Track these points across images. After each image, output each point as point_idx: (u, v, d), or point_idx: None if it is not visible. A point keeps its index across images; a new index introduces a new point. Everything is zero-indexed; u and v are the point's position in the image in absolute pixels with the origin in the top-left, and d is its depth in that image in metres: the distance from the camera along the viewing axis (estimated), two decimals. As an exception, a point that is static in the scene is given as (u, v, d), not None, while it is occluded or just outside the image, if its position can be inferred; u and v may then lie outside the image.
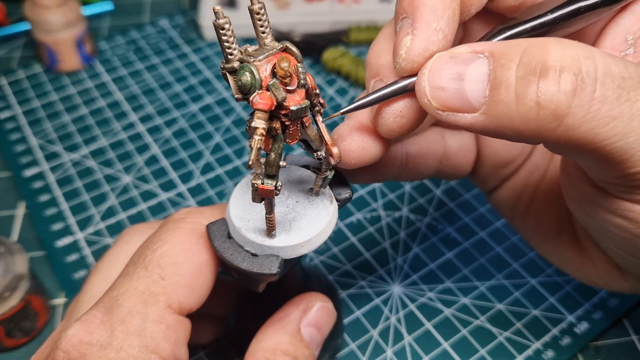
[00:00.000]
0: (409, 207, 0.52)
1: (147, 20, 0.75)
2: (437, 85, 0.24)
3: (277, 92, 0.24)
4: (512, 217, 0.39)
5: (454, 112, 0.24)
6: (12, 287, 0.41)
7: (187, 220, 0.31)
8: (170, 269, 0.29)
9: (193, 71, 0.67)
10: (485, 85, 0.24)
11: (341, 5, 0.71)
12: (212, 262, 0.31)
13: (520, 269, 0.47)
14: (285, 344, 0.31)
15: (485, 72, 0.24)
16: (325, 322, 0.34)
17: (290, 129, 0.26)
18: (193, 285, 0.29)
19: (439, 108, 0.25)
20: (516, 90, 0.23)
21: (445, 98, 0.24)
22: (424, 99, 0.25)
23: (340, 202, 0.31)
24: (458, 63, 0.24)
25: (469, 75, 0.24)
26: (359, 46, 0.69)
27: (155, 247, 0.30)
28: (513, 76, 0.23)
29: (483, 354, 0.43)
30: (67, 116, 0.62)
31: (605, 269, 0.33)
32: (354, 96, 0.63)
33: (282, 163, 0.26)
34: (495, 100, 0.23)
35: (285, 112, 0.25)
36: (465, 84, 0.24)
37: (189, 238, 0.30)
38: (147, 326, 0.27)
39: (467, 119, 0.24)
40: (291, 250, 0.29)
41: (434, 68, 0.25)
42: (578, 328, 0.44)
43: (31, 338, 0.44)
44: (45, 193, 0.54)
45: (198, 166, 0.56)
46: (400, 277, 0.47)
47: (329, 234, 0.30)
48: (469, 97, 0.24)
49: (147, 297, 0.28)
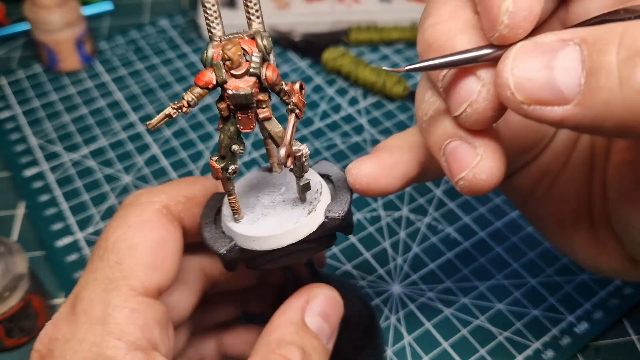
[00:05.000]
0: (409, 207, 0.52)
1: (147, 21, 0.75)
2: (523, 75, 0.22)
3: (218, 72, 0.24)
4: (525, 204, 0.37)
5: (543, 105, 0.22)
6: (12, 286, 0.41)
7: (136, 203, 0.31)
8: (125, 252, 0.28)
9: (193, 71, 0.67)
10: (579, 73, 0.21)
11: (341, 5, 0.71)
12: (172, 237, 0.30)
13: (520, 269, 0.47)
14: (290, 334, 0.29)
15: (578, 59, 0.21)
16: (332, 312, 0.32)
17: (239, 116, 0.26)
18: (154, 263, 0.29)
19: (524, 102, 0.22)
20: (620, 74, 0.20)
21: (532, 90, 0.22)
22: (507, 92, 0.22)
23: (328, 220, 0.29)
24: (545, 51, 0.22)
25: (559, 63, 0.21)
26: (359, 46, 0.69)
27: (108, 235, 0.29)
28: (614, 59, 0.20)
29: (483, 353, 0.43)
30: (67, 116, 0.62)
31: (620, 261, 0.33)
32: (354, 96, 0.63)
33: (236, 148, 0.26)
34: (594, 88, 0.21)
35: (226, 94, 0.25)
36: (556, 73, 0.21)
37: (141, 218, 0.30)
38: (109, 312, 0.27)
39: (558, 112, 0.22)
40: (243, 239, 0.29)
41: (518, 57, 0.22)
42: (578, 328, 0.44)
43: (31, 338, 0.44)
44: (45, 193, 0.54)
45: (198, 166, 0.56)
46: (400, 277, 0.47)
47: (289, 241, 0.28)
48: (561, 87, 0.21)
49: (107, 284, 0.28)
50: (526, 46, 0.22)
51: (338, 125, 0.60)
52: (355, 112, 0.61)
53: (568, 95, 0.21)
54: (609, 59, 0.21)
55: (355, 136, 0.59)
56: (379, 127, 0.60)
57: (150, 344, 0.27)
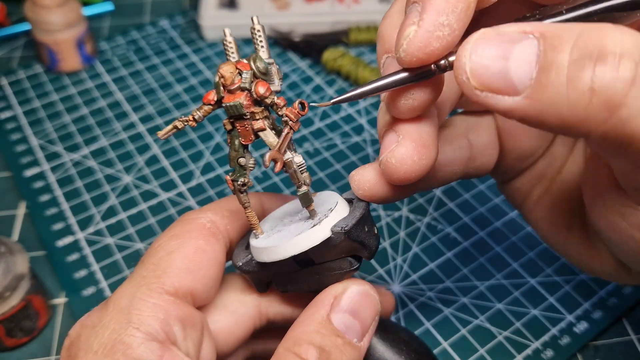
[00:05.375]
0: (408, 206, 0.52)
1: (148, 21, 0.75)
2: (480, 62, 0.23)
3: (217, 90, 0.28)
4: (523, 206, 0.38)
5: (494, 93, 0.23)
6: (13, 286, 0.41)
7: (183, 219, 0.32)
8: (162, 256, 0.30)
9: (193, 71, 0.67)
10: (532, 67, 0.22)
11: (341, 5, 0.71)
12: (211, 247, 0.31)
13: (520, 269, 0.47)
14: (310, 332, 0.28)
15: (534, 53, 0.22)
16: (363, 307, 0.30)
17: (238, 128, 0.29)
18: (188, 268, 0.30)
19: (477, 87, 0.23)
20: (568, 74, 0.21)
21: (486, 77, 0.22)
22: (463, 76, 0.23)
23: (334, 235, 0.29)
24: (504, 41, 0.22)
25: (515, 55, 0.22)
26: (359, 46, 0.69)
27: (153, 244, 0.31)
28: (566, 59, 0.21)
29: (482, 353, 0.43)
30: (68, 116, 0.62)
31: (613, 265, 0.33)
32: (354, 96, 0.63)
33: (243, 161, 0.29)
34: (543, 83, 0.21)
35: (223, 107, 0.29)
36: (511, 64, 0.22)
37: (183, 230, 0.31)
38: (133, 303, 0.28)
39: (507, 102, 0.22)
40: (257, 252, 0.30)
41: (478, 44, 0.23)
42: (577, 327, 0.44)
43: (32, 338, 0.44)
44: (45, 193, 0.54)
45: (198, 166, 0.57)
46: (400, 277, 0.47)
47: (292, 252, 0.29)
48: (513, 78, 0.22)
49: (139, 280, 0.29)
50: (487, 33, 0.23)
51: (338, 125, 0.60)
52: (355, 112, 0.61)
53: (519, 87, 0.22)
54: (562, 57, 0.21)
55: (355, 136, 0.59)
56: (378, 127, 0.60)
57: (169, 339, 0.28)
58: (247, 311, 0.34)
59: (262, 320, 0.34)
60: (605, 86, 0.20)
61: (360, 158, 0.57)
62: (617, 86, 0.20)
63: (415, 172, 0.27)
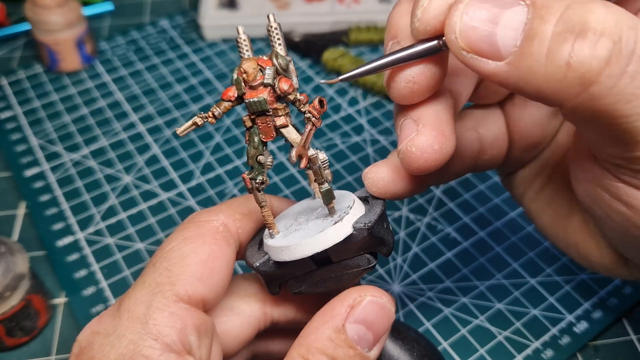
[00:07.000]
0: (408, 206, 0.52)
1: (148, 21, 0.75)
2: (469, 23, 0.23)
3: (238, 86, 0.28)
4: (525, 196, 0.38)
5: (479, 56, 0.23)
6: (13, 286, 0.41)
7: (195, 220, 0.32)
8: (176, 260, 0.29)
9: (193, 71, 0.67)
10: (518, 34, 0.22)
11: (341, 5, 0.71)
12: (223, 254, 0.31)
13: (520, 269, 0.47)
14: (324, 341, 0.28)
15: (522, 21, 0.22)
16: (377, 319, 0.30)
17: (259, 125, 0.28)
18: (201, 275, 0.29)
19: (464, 48, 0.23)
20: (549, 46, 0.22)
21: (473, 39, 0.23)
22: (452, 35, 0.24)
23: (356, 232, 0.29)
24: (496, 5, 0.23)
25: (504, 20, 0.23)
26: (359, 46, 0.69)
27: (164, 246, 0.31)
28: (550, 30, 0.22)
29: (482, 353, 0.43)
30: (68, 116, 0.62)
31: (610, 257, 0.33)
32: (354, 96, 0.63)
33: (262, 158, 0.29)
34: (525, 52, 0.22)
35: (245, 104, 0.28)
36: (498, 29, 0.23)
37: (196, 233, 0.31)
38: (150, 313, 0.27)
39: (490, 66, 0.23)
40: (274, 252, 0.30)
41: (470, 5, 0.23)
42: (577, 327, 0.44)
43: (32, 337, 0.44)
44: (45, 193, 0.54)
45: (198, 166, 0.57)
46: (400, 277, 0.47)
47: (314, 250, 0.29)
48: (499, 43, 0.23)
49: (153, 287, 0.29)
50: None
51: (338, 125, 0.60)
52: (355, 112, 0.62)
53: (503, 53, 0.23)
54: (546, 28, 0.22)
55: (355, 136, 0.59)
56: (378, 127, 0.60)
57: (185, 348, 0.28)
58: (253, 313, 0.34)
59: (267, 322, 0.34)
60: (580, 62, 0.21)
61: (360, 158, 0.57)
62: (592, 64, 0.21)
63: (435, 160, 0.28)
